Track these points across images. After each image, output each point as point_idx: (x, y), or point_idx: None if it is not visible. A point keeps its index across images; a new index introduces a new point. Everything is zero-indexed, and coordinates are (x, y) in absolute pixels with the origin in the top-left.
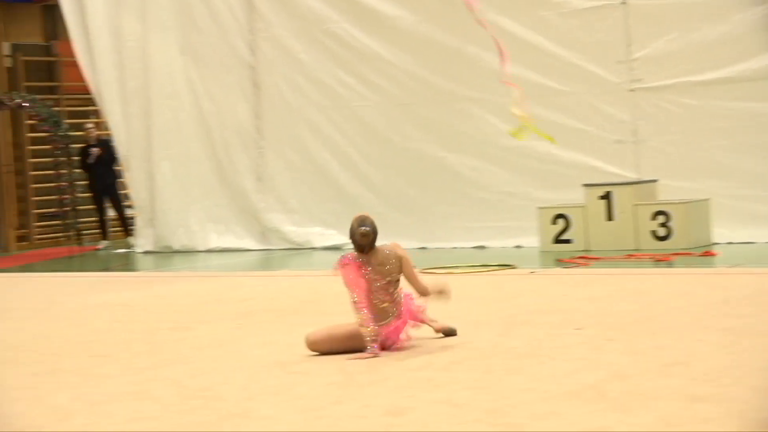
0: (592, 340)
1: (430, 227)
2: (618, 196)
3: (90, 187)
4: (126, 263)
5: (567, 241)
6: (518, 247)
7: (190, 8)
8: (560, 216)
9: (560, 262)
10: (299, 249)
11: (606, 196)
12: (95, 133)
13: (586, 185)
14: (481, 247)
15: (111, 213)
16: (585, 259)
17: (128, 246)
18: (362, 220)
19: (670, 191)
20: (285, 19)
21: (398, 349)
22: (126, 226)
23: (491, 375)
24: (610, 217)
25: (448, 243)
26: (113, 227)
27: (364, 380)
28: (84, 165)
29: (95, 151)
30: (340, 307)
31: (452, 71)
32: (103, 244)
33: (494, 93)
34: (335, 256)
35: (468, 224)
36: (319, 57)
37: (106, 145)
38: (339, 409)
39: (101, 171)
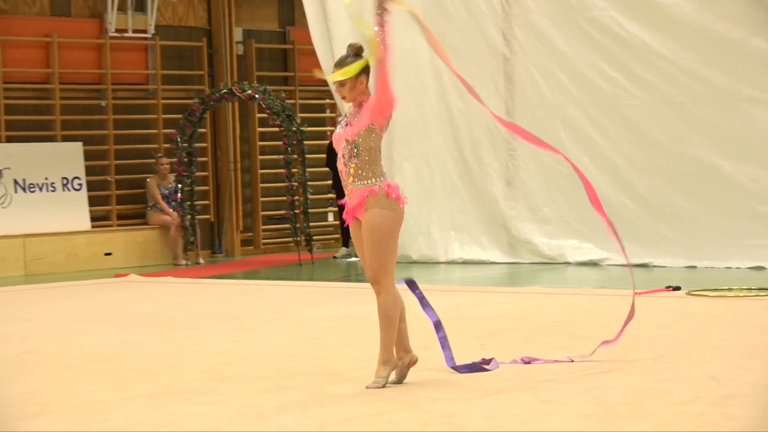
0: None
1: (701, 243)
2: None
3: (335, 188)
4: (359, 273)
5: None
6: None
7: None
8: None
9: None
10: (551, 263)
11: None
12: None
13: None
14: (760, 268)
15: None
16: None
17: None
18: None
19: None
20: (544, 4)
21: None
22: None
23: None
24: None
25: (721, 262)
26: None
27: (624, 413)
28: (331, 163)
29: None
30: (595, 330)
31: (733, 67)
32: (342, 251)
33: None
34: (591, 273)
35: (745, 241)
36: (580, 48)
37: None
38: None
39: None
